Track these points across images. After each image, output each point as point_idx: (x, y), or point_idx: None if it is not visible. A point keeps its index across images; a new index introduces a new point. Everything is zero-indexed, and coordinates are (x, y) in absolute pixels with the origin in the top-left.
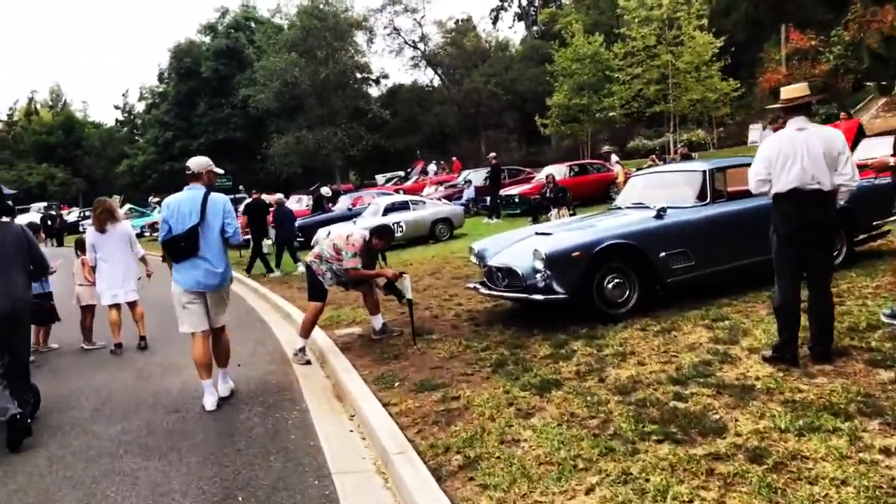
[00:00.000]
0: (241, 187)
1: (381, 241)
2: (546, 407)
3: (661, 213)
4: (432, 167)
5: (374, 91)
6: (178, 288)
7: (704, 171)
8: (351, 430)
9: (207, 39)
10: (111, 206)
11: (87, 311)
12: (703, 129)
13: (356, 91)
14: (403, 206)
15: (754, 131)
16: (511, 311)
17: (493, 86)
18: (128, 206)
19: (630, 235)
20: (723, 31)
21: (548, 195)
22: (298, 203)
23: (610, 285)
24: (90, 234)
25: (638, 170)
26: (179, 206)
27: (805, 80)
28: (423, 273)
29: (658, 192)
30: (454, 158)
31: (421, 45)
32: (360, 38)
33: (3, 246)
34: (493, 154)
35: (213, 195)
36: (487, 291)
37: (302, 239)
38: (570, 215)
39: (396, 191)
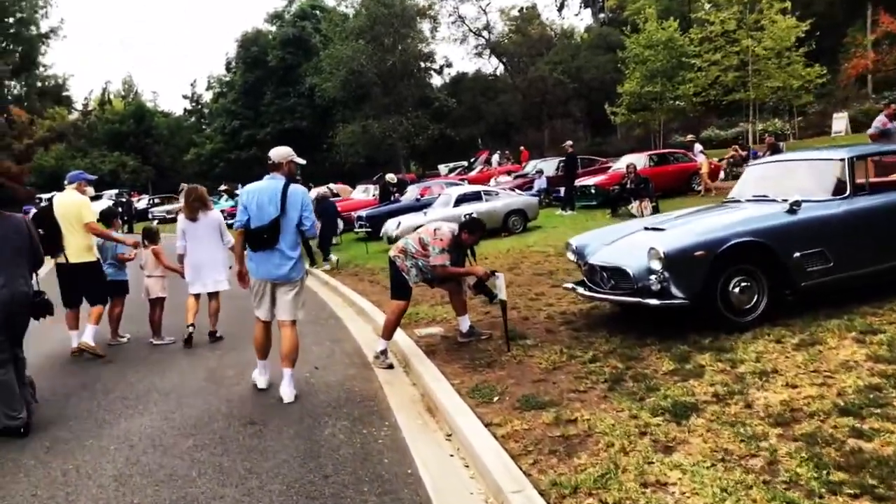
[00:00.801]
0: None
1: (472, 235)
2: (689, 439)
3: (794, 208)
4: (496, 157)
5: (437, 80)
6: (252, 277)
7: (844, 160)
8: (451, 455)
9: (274, 28)
10: (203, 193)
11: (157, 304)
12: (779, 119)
13: (421, 80)
14: (476, 197)
15: (839, 121)
16: (612, 316)
17: (558, 74)
18: None
19: (760, 232)
20: (807, 15)
21: (628, 186)
22: (365, 193)
23: (736, 289)
24: (181, 221)
25: (720, 160)
26: (259, 195)
27: (895, 67)
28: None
29: (785, 184)
30: (521, 148)
31: (485, 34)
32: (424, 26)
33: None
34: (569, 142)
35: (293, 186)
36: (589, 293)
37: (370, 230)
38: (653, 208)
39: (461, 181)
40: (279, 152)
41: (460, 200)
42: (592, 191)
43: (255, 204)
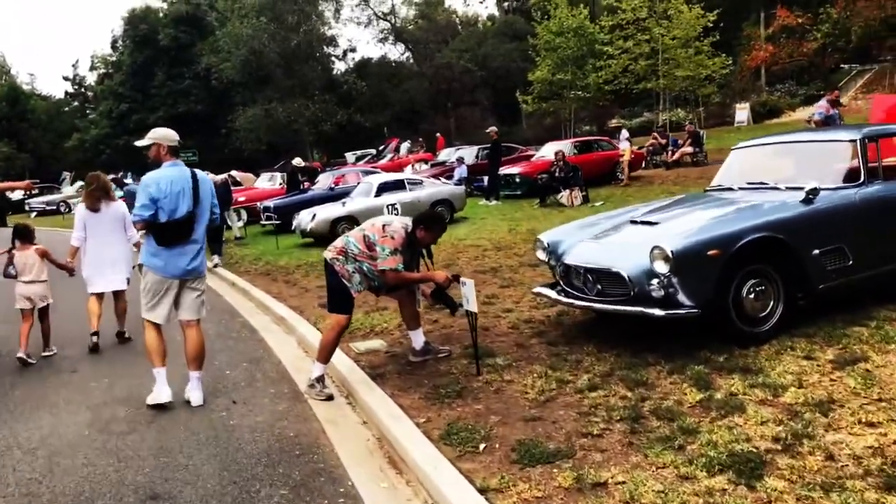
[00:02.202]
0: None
1: (429, 233)
2: None
3: (811, 197)
4: (406, 145)
5: (340, 65)
6: (155, 276)
7: (856, 141)
8: None
9: (165, 5)
10: (106, 181)
11: (45, 313)
12: (682, 109)
13: (324, 63)
14: (398, 186)
15: (741, 111)
16: (589, 323)
17: (465, 61)
18: (79, 183)
19: (777, 226)
20: (709, 7)
21: (557, 174)
22: (270, 181)
23: (750, 294)
24: (80, 212)
25: (640, 148)
26: (171, 185)
27: (791, 59)
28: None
29: (785, 170)
30: (437, 135)
31: (391, 18)
32: (327, 8)
33: None
34: (492, 128)
35: (201, 174)
36: (568, 300)
37: (278, 222)
38: (583, 197)
39: (375, 170)
40: (177, 135)
41: (382, 189)
42: (517, 179)
43: (169, 196)
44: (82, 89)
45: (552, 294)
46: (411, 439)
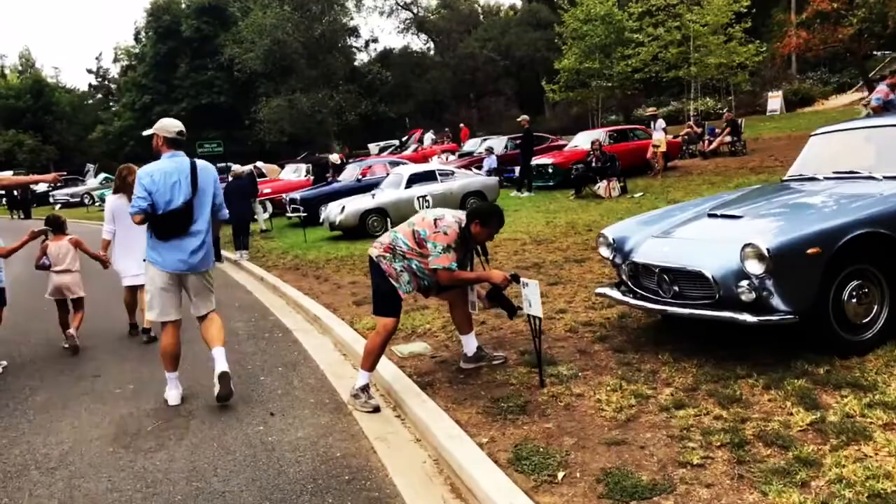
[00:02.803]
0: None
1: (486, 228)
2: None
3: None
4: (429, 136)
5: (363, 56)
6: (156, 270)
7: None
8: None
9: None
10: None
11: (79, 305)
12: (710, 98)
13: (347, 54)
14: (429, 177)
15: (773, 100)
16: (655, 327)
17: (489, 51)
18: (103, 175)
19: (882, 220)
20: None
21: (594, 164)
22: (296, 173)
23: (853, 298)
24: (109, 204)
25: (675, 137)
26: (166, 177)
27: (825, 46)
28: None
29: (875, 157)
30: (461, 125)
31: (413, 7)
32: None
33: None
34: (524, 117)
35: (201, 164)
36: (638, 303)
37: (305, 215)
38: (621, 188)
39: (402, 161)
40: (179, 124)
41: (412, 181)
42: (550, 170)
43: (163, 187)
44: (106, 81)
45: (618, 296)
46: (476, 464)
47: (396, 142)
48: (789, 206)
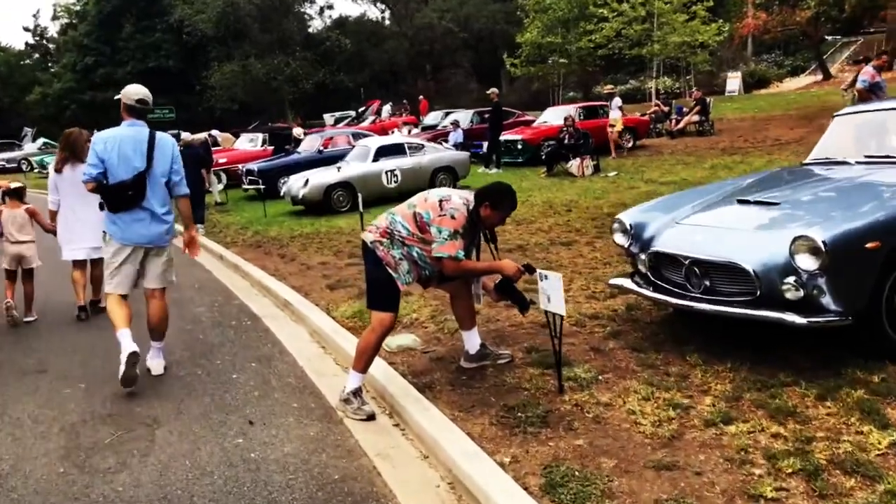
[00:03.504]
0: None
1: (497, 211)
2: None
3: None
4: (387, 107)
5: (317, 23)
6: (113, 243)
7: None
8: None
9: None
10: (72, 141)
11: (30, 275)
12: (668, 77)
13: (301, 19)
14: (398, 150)
15: (732, 80)
16: (668, 320)
17: (447, 22)
18: (42, 140)
19: None
20: None
21: (566, 141)
22: (252, 143)
23: None
24: (51, 173)
25: (643, 115)
26: (120, 146)
27: (784, 28)
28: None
29: None
30: (420, 97)
31: None
32: None
33: None
34: (493, 90)
35: (160, 135)
36: (661, 297)
37: (263, 187)
38: (594, 166)
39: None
40: (146, 93)
41: (380, 153)
42: (519, 146)
43: (116, 155)
44: (44, 41)
45: (636, 288)
46: (505, 493)
47: (353, 113)
48: (834, 194)
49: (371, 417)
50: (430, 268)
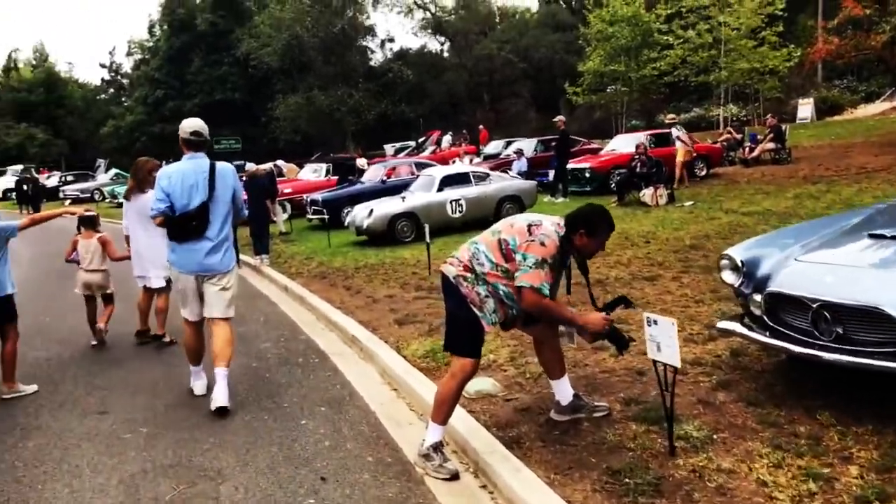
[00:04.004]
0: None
1: (594, 239)
2: None
3: None
4: (448, 137)
5: (378, 55)
6: (175, 271)
7: None
8: None
9: None
10: (138, 170)
11: (109, 301)
12: (734, 105)
13: (363, 53)
14: (463, 180)
15: (804, 107)
16: (781, 368)
17: (506, 53)
18: (114, 170)
19: None
20: None
21: (639, 170)
22: (316, 173)
23: None
24: (123, 201)
25: (714, 143)
26: (183, 179)
27: (858, 53)
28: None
29: None
30: (480, 127)
31: (431, 7)
32: None
33: None
34: (559, 118)
35: (221, 165)
36: (782, 345)
37: (327, 217)
38: (669, 195)
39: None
40: (205, 126)
41: (445, 183)
42: (587, 174)
43: (179, 188)
44: (118, 76)
45: (749, 334)
46: None
47: (412, 143)
48: None
49: (455, 476)
50: (517, 307)
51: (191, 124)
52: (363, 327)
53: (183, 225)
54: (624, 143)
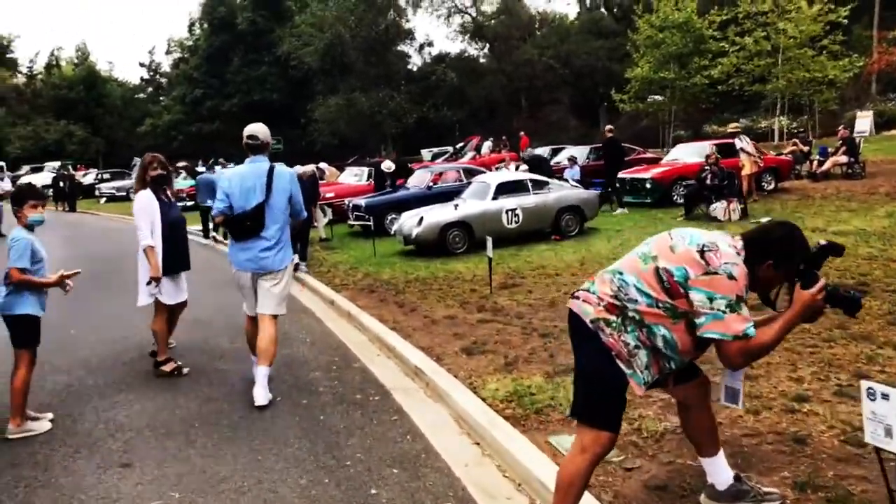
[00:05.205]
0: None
1: (782, 271)
2: None
3: None
4: (488, 143)
5: (416, 59)
6: (232, 268)
7: None
8: None
9: None
10: (139, 168)
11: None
12: (784, 116)
13: (402, 56)
14: (520, 188)
15: (863, 120)
16: None
17: (547, 58)
18: None
19: None
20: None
21: (708, 182)
22: (356, 177)
23: None
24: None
25: (779, 154)
26: (242, 181)
27: None
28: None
29: None
30: (521, 133)
31: (472, 11)
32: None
33: None
34: (609, 126)
35: (279, 168)
36: None
37: (369, 223)
38: (742, 210)
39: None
40: (265, 130)
41: (501, 190)
42: (648, 185)
43: (238, 189)
44: (157, 76)
45: None
46: None
47: (450, 148)
48: None
49: None
50: (678, 358)
51: (248, 129)
52: (425, 355)
53: (240, 224)
54: (687, 153)
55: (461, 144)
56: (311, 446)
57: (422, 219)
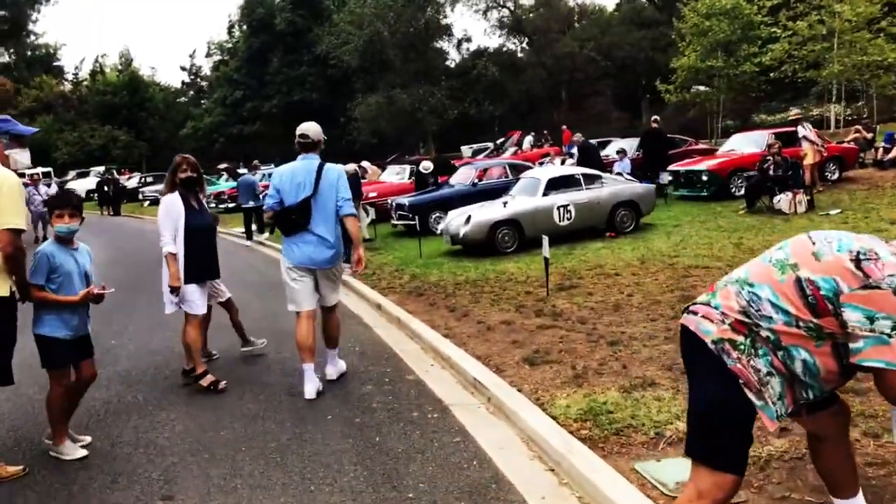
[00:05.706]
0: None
1: None
2: None
3: None
4: (529, 138)
5: (454, 55)
6: (285, 262)
7: None
8: None
9: None
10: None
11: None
12: (836, 104)
13: (440, 52)
14: (572, 183)
15: None
16: None
17: (588, 51)
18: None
19: None
20: None
21: (771, 172)
22: (398, 176)
23: None
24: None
25: (840, 143)
26: (293, 177)
27: None
28: (654, 295)
29: None
30: (563, 127)
31: (510, 5)
32: None
33: None
34: (654, 118)
35: (328, 165)
36: None
37: (413, 223)
38: (808, 202)
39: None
40: (316, 129)
41: (551, 186)
42: (704, 177)
43: (288, 185)
44: (198, 79)
45: None
46: None
47: (491, 144)
48: None
49: None
50: (818, 387)
51: (301, 128)
52: (483, 365)
53: (286, 218)
54: (744, 143)
55: (502, 140)
56: (369, 475)
57: (469, 217)
